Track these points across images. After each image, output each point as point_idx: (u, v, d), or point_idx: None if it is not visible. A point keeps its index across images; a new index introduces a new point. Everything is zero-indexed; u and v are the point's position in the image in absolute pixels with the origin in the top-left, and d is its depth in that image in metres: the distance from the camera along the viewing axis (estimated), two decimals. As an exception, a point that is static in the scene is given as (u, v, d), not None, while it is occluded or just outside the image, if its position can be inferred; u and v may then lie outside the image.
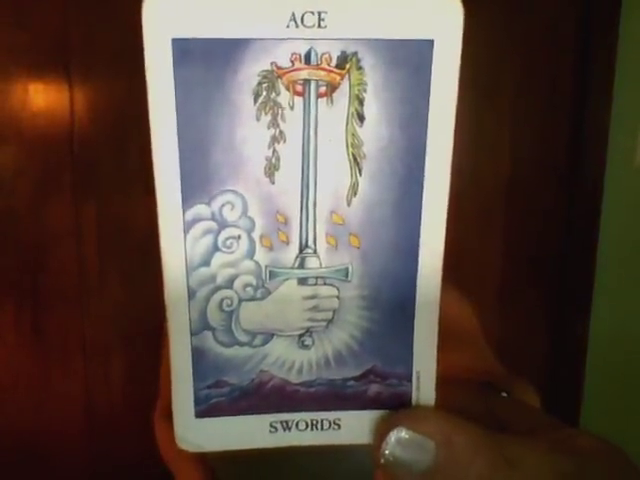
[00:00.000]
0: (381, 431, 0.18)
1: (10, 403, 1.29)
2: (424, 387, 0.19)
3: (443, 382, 0.19)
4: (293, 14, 0.16)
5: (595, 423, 1.29)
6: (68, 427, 1.32)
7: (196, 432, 0.19)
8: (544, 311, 1.37)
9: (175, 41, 0.16)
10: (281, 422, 0.19)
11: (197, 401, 0.19)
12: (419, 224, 0.18)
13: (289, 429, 0.19)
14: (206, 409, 0.19)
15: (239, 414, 0.19)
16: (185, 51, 0.16)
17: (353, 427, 0.19)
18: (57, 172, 1.22)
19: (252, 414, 0.19)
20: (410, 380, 0.19)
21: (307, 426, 0.19)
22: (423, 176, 0.18)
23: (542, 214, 1.33)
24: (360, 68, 0.17)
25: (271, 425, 0.19)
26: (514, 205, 1.32)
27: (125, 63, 1.16)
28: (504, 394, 0.28)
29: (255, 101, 0.17)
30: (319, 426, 0.19)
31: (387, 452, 0.17)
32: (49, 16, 1.17)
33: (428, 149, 0.18)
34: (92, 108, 1.22)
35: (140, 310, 1.27)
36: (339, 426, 0.19)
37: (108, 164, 1.23)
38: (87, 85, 1.21)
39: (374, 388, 0.19)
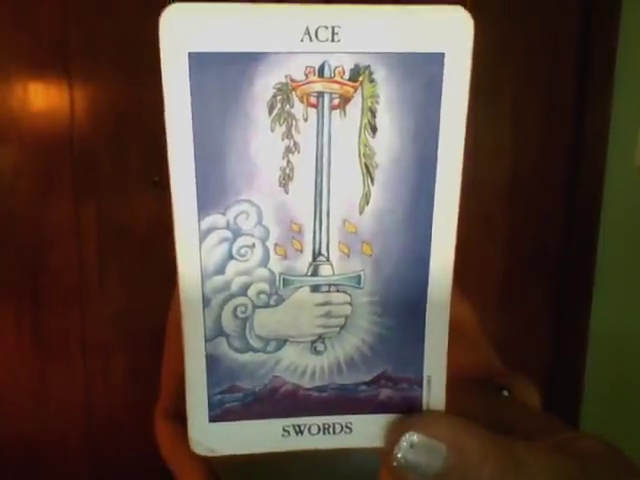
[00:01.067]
0: (393, 435, 0.18)
1: (10, 403, 1.30)
2: (434, 391, 0.19)
3: (446, 382, 0.19)
4: (307, 28, 0.17)
5: (595, 423, 1.29)
6: (68, 426, 1.32)
7: (210, 436, 0.19)
8: (545, 311, 1.37)
9: (192, 55, 0.17)
10: (293, 426, 0.19)
11: (211, 406, 0.19)
12: (430, 232, 0.18)
13: (301, 433, 0.19)
14: (220, 414, 0.19)
15: (252, 419, 0.19)
16: (201, 64, 0.17)
17: (364, 431, 0.19)
18: (57, 172, 1.22)
19: (265, 419, 0.19)
20: (421, 385, 0.19)
21: (319, 430, 0.19)
22: (434, 185, 0.18)
23: (543, 214, 1.34)
24: (372, 81, 0.17)
25: (284, 429, 0.19)
26: (515, 205, 1.32)
27: (125, 63, 1.16)
28: (505, 392, 0.28)
29: (270, 113, 0.17)
30: (331, 430, 0.19)
31: (399, 456, 0.17)
32: (49, 16, 1.17)
33: (439, 159, 0.18)
34: (92, 108, 1.22)
35: (140, 310, 1.27)
36: (351, 430, 0.19)
37: (108, 164, 1.23)
38: (87, 85, 1.21)
39: (385, 392, 0.19)
